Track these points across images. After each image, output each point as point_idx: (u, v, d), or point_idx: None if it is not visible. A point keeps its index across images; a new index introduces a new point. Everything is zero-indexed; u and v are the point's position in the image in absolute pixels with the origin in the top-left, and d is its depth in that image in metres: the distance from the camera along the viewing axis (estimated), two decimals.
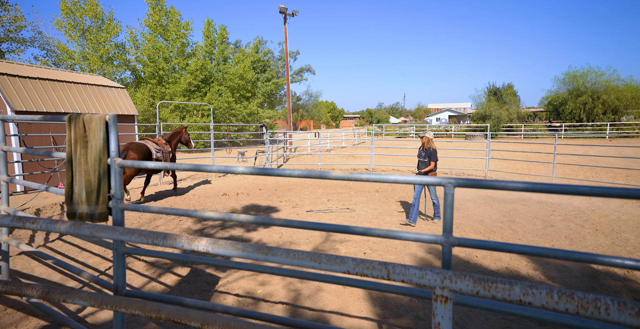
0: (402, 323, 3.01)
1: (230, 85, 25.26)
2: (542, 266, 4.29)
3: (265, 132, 13.29)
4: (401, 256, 4.61)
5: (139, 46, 23.27)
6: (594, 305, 1.01)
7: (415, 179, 1.55)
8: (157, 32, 23.19)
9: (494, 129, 30.97)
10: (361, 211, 7.12)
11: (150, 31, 23.16)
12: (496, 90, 36.44)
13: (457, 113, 56.96)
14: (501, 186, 1.41)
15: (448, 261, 1.44)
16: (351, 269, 1.40)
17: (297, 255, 1.48)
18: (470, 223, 6.14)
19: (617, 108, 29.38)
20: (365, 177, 1.65)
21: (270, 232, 5.69)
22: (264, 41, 33.44)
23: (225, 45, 26.48)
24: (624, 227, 5.83)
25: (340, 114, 77.47)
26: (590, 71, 30.63)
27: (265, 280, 3.87)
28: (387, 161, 15.29)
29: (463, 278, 1.23)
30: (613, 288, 3.68)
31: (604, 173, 11.08)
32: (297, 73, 38.32)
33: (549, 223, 6.11)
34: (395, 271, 1.33)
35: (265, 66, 31.21)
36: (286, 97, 20.90)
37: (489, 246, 1.47)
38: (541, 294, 1.11)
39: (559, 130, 29.94)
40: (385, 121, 62.25)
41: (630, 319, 0.92)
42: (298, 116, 46.61)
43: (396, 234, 1.60)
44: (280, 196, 8.76)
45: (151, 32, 23.15)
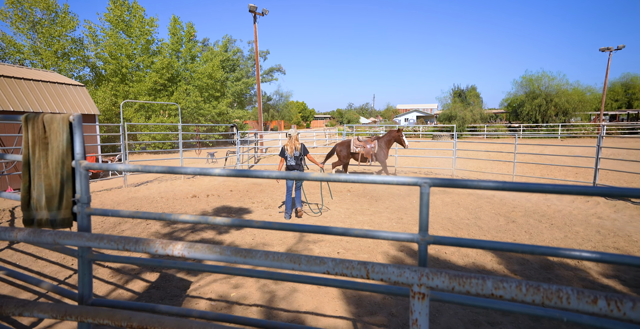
0: (376, 321, 3.07)
1: (198, 84, 24.59)
2: (505, 260, 4.52)
3: (236, 132, 13.06)
4: (374, 255, 4.69)
5: (98, 42, 22.11)
6: (557, 295, 1.08)
7: (391, 180, 1.59)
8: (119, 28, 22.14)
9: (459, 129, 32.26)
10: (334, 210, 7.18)
11: (112, 27, 22.07)
12: (461, 92, 37.99)
13: (424, 114, 58.74)
14: (474, 185, 1.47)
15: (424, 259, 1.49)
16: (331, 270, 1.41)
17: (276, 257, 1.47)
18: (439, 221, 6.35)
19: (567, 110, 31.55)
20: (343, 178, 1.67)
21: (242, 234, 5.60)
22: (233, 40, 32.89)
23: (192, 44, 25.75)
24: (574, 221, 6.27)
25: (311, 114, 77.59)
26: (544, 75, 32.70)
27: (238, 283, 3.81)
28: None
29: (439, 275, 1.27)
30: (566, 278, 3.95)
31: (557, 171, 11.85)
32: (268, 73, 37.97)
33: (510, 219, 6.45)
34: (374, 270, 1.36)
35: (235, 65, 30.67)
36: (256, 97, 20.66)
37: (463, 243, 1.53)
38: (511, 287, 1.17)
39: (517, 130, 31.67)
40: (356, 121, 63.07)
41: (587, 306, 1.01)
42: (269, 116, 46.17)
43: (374, 233, 1.63)
44: (252, 197, 8.64)
45: (112, 27, 22.07)
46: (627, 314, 0.97)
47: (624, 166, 11.17)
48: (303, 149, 6.44)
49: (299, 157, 6.44)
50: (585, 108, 32.32)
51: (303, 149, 6.44)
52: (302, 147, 6.43)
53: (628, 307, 0.96)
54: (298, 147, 6.39)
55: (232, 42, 32.47)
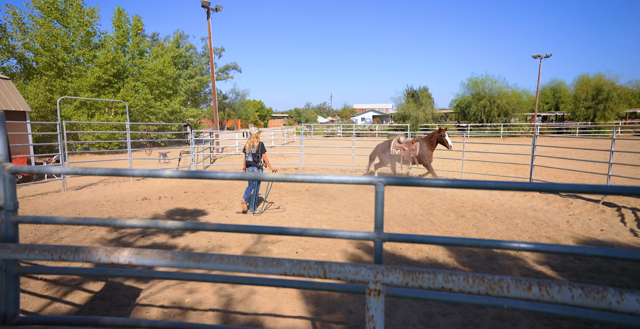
0: (334, 318, 3.10)
1: (148, 81, 23.25)
2: (454, 253, 4.79)
3: (190, 131, 12.55)
4: (332, 253, 4.74)
5: (26, 31, 19.99)
6: (499, 285, 1.16)
7: (348, 179, 1.61)
8: (52, 17, 20.23)
9: (413, 128, 33.63)
10: (292, 210, 7.16)
11: (43, 14, 20.09)
12: (414, 92, 39.57)
13: (380, 113, 60.49)
14: (426, 183, 1.53)
15: (379, 256, 1.53)
16: (288, 271, 1.40)
17: (231, 260, 1.43)
18: (394, 217, 6.58)
19: (508, 111, 34.19)
20: (300, 178, 1.66)
21: (197, 237, 5.39)
22: (186, 36, 31.64)
23: (140, 38, 24.29)
24: (514, 214, 6.81)
25: (268, 113, 76.76)
26: (487, 78, 35.14)
27: (193, 288, 3.66)
28: (317, 160, 15.59)
29: (394, 271, 1.31)
30: (507, 267, 4.28)
31: (500, 167, 12.78)
32: (223, 71, 36.94)
33: (460, 214, 6.84)
34: (331, 269, 1.37)
35: (188, 62, 29.45)
36: (211, 95, 20.00)
37: (415, 239, 1.59)
38: (459, 280, 1.24)
39: (465, 130, 33.71)
40: (314, 120, 63.41)
41: (524, 292, 1.10)
42: (224, 114, 44.93)
43: (331, 233, 1.64)
44: (207, 198, 8.36)
45: (44, 15, 20.10)
46: (554, 297, 1.07)
47: (554, 163, 12.32)
48: (260, 147, 6.88)
49: (256, 154, 6.86)
50: (523, 109, 35.23)
51: (260, 147, 6.87)
52: (260, 146, 6.87)
53: (555, 291, 1.07)
54: (256, 145, 6.82)
55: (185, 38, 31.20)
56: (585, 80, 34.40)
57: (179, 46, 28.28)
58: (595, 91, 33.11)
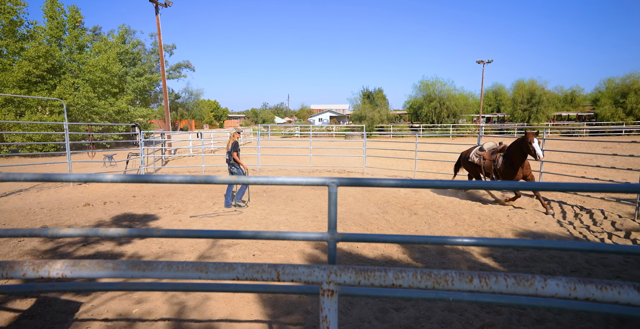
0: (292, 320, 3.09)
1: (90, 78, 21.54)
2: (408, 249, 4.99)
3: (139, 132, 11.86)
4: (290, 255, 4.72)
5: None
6: (444, 279, 1.22)
7: (300, 180, 1.61)
8: None
9: (368, 129, 34.53)
10: (249, 212, 7.03)
11: None
12: (369, 93, 40.66)
13: (337, 114, 61.35)
14: (377, 183, 1.57)
15: (333, 256, 1.54)
16: (240, 275, 1.37)
17: (181, 267, 1.37)
18: (351, 217, 6.70)
19: (456, 112, 36.34)
20: (253, 181, 1.63)
21: (148, 243, 5.10)
22: (132, 31, 29.77)
23: (79, 31, 22.45)
24: (462, 210, 7.25)
25: (224, 113, 74.73)
26: (437, 81, 37.08)
27: (142, 297, 3.45)
28: (274, 160, 15.46)
29: (346, 271, 1.33)
30: (456, 260, 4.54)
31: (450, 166, 13.52)
32: (175, 69, 35.36)
33: (413, 212, 7.14)
34: (285, 271, 1.36)
35: (136, 59, 27.75)
36: (162, 95, 19.05)
37: (368, 238, 1.63)
38: (408, 276, 1.29)
39: (418, 130, 35.27)
40: (271, 121, 62.80)
41: (466, 285, 1.17)
42: (177, 115, 43.03)
43: (285, 235, 1.64)
44: (159, 202, 7.95)
45: None
46: (492, 288, 1.15)
47: None
48: (232, 146, 7.40)
49: (230, 152, 7.44)
50: (469, 111, 37.62)
51: (232, 147, 7.40)
52: (232, 145, 7.40)
53: (492, 282, 1.15)
54: (230, 144, 7.44)
55: (131, 34, 29.36)
56: (521, 85, 37.54)
57: (125, 42, 26.55)
58: (529, 95, 36.24)
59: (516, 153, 6.86)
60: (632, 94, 33.99)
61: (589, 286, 1.09)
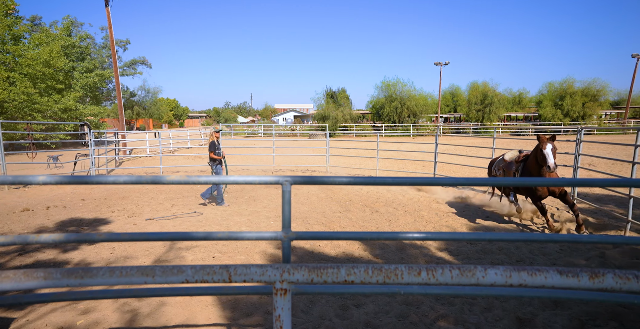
0: (252, 322, 3.05)
1: (29, 72, 19.77)
2: (369, 246, 5.09)
3: (88, 132, 11.11)
4: (252, 255, 4.65)
5: None
6: (394, 273, 1.26)
7: (253, 179, 1.58)
8: None
9: (332, 128, 34.83)
10: (209, 213, 6.83)
11: None
12: (333, 93, 41.01)
13: (301, 113, 61.31)
14: (330, 181, 1.58)
15: (287, 255, 1.54)
16: (190, 278, 1.33)
17: (124, 272, 1.30)
18: (314, 215, 6.72)
19: (416, 112, 37.66)
20: (203, 180, 1.58)
21: (97, 249, 4.80)
22: (80, 23, 27.74)
23: (14, 20, 20.49)
24: (421, 206, 7.53)
25: (184, 112, 72.13)
26: (398, 82, 38.20)
27: (89, 307, 3.24)
28: (237, 160, 15.15)
29: (299, 269, 1.33)
30: (414, 256, 4.70)
31: (410, 164, 14.00)
32: (129, 65, 33.49)
33: (374, 209, 7.30)
34: (237, 272, 1.33)
35: (84, 54, 25.90)
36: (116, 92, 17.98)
37: (323, 236, 1.64)
38: (360, 272, 1.31)
39: (380, 129, 36.13)
40: (234, 120, 61.50)
41: (415, 278, 1.22)
42: (133, 113, 40.85)
43: (238, 235, 1.60)
44: (111, 205, 7.50)
45: None
46: (438, 279, 1.21)
47: (453, 159, 13.94)
48: (209, 146, 7.62)
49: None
50: (428, 111, 39.14)
51: (209, 146, 7.62)
52: (209, 144, 7.63)
53: (439, 274, 1.20)
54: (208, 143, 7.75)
55: (78, 26, 27.36)
56: (475, 86, 39.65)
57: (70, 35, 24.71)
58: (482, 96, 38.38)
59: (533, 163, 5.62)
60: (568, 97, 37.11)
61: (521, 273, 1.17)
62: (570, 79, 37.83)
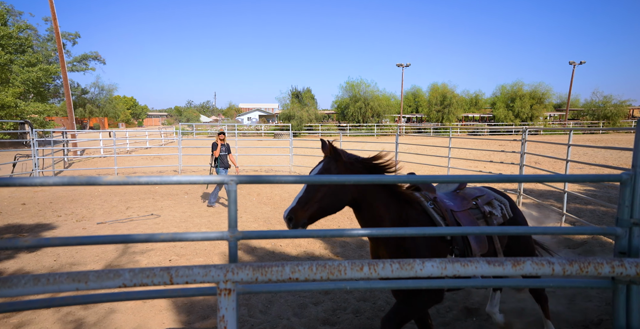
0: (208, 324, 2.98)
1: None
2: (330, 244, 5.14)
3: (30, 131, 10.29)
4: (210, 257, 4.54)
5: None
6: (337, 269, 1.28)
7: (198, 179, 1.54)
8: None
9: (297, 128, 34.76)
10: (168, 216, 6.58)
11: None
12: (298, 93, 40.93)
13: (266, 113, 60.64)
14: (276, 180, 1.58)
15: (234, 255, 1.51)
16: (128, 282, 1.27)
17: (52, 279, 1.22)
18: (277, 216, 6.68)
19: (380, 113, 38.54)
20: (144, 181, 1.52)
21: (39, 256, 4.46)
22: (19, 12, 25.58)
23: None
24: None
25: (143, 111, 68.82)
26: (362, 82, 38.87)
27: (26, 319, 3.00)
28: (199, 161, 14.69)
29: (244, 269, 1.31)
30: None
31: None
32: (80, 61, 31.43)
33: None
34: (179, 273, 1.30)
35: (25, 46, 23.87)
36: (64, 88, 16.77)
37: (270, 235, 1.64)
38: (304, 269, 1.32)
39: (345, 129, 36.57)
40: (196, 119, 59.65)
41: (357, 273, 1.25)
42: (86, 111, 38.39)
43: (182, 236, 1.56)
44: (58, 209, 7.00)
45: None
46: (380, 274, 1.24)
47: (414, 158, 14.43)
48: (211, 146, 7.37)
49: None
50: (391, 111, 40.19)
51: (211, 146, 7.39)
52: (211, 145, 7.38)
53: (380, 268, 1.24)
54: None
55: (17, 15, 25.23)
56: (435, 88, 41.28)
57: (6, 24, 22.67)
58: (442, 97, 40.04)
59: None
60: (518, 99, 39.71)
61: (455, 264, 1.23)
62: (520, 83, 40.46)
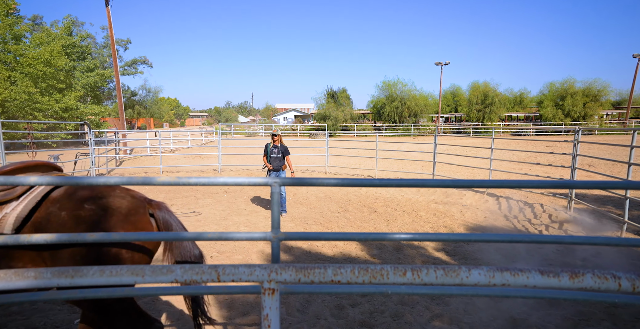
0: (248, 321, 3.07)
1: (30, 72, 19.82)
2: (366, 246, 5.11)
3: (88, 131, 11.15)
4: (249, 255, 4.68)
5: None
6: (380, 273, 1.28)
7: (244, 180, 1.60)
8: None
9: (332, 128, 34.82)
10: (208, 213, 6.86)
11: None
12: (333, 93, 40.97)
13: (302, 113, 61.30)
14: (318, 182, 1.60)
15: (277, 255, 1.56)
16: (179, 277, 1.35)
17: (114, 271, 1.32)
18: (313, 215, 6.75)
19: (417, 112, 37.62)
20: (194, 181, 1.60)
21: None
22: (80, 23, 27.82)
23: (15, 20, 20.55)
24: (419, 207, 7.54)
25: (185, 112, 72.25)
26: (398, 82, 38.14)
27: None
28: (237, 160, 15.18)
29: (287, 269, 1.34)
30: (411, 256, 4.72)
31: (409, 164, 14.00)
32: (130, 65, 33.59)
33: (373, 209, 7.31)
34: (225, 272, 1.35)
35: (85, 53, 25.95)
36: (117, 91, 18.03)
37: (312, 236, 1.66)
38: (346, 272, 1.32)
39: (381, 129, 36.11)
40: (234, 120, 61.60)
41: (400, 278, 1.23)
42: (134, 113, 40.95)
43: (229, 235, 1.62)
44: None
45: None
46: (423, 280, 1.22)
47: (453, 159, 13.95)
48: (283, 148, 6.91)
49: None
50: (429, 111, 39.10)
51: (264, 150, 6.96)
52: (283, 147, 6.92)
53: (423, 274, 1.22)
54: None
55: (79, 25, 27.47)
56: (476, 86, 39.57)
57: (71, 34, 24.75)
58: (483, 96, 38.31)
59: None
60: (569, 97, 37.03)
61: (504, 273, 1.18)
62: (571, 79, 37.75)
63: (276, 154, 6.76)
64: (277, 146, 6.81)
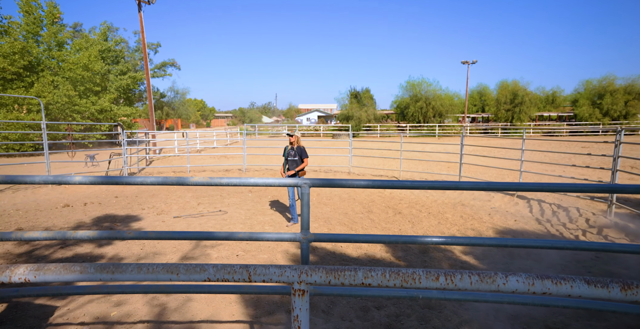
0: (273, 320, 3.10)
1: (70, 76, 20.98)
2: (391, 248, 5.04)
3: (121, 132, 11.64)
4: (274, 254, 4.72)
5: None
6: (412, 277, 1.25)
7: (274, 181, 1.62)
8: None
9: (355, 128, 34.64)
10: (234, 212, 6.99)
11: None
12: (357, 93, 40.74)
13: (325, 113, 61.37)
14: (349, 184, 1.59)
15: (306, 256, 1.56)
16: (212, 276, 1.38)
17: (151, 269, 1.37)
18: (336, 216, 6.73)
19: (442, 112, 36.79)
20: (225, 182, 1.64)
21: (129, 244, 5.03)
22: (115, 28, 29.05)
23: (58, 28, 21.83)
24: (445, 208, 7.36)
25: (211, 112, 74.04)
26: (423, 81, 37.44)
27: (121, 299, 3.40)
28: (261, 160, 15.39)
29: (317, 271, 1.35)
30: (437, 259, 4.61)
31: (434, 165, 13.71)
32: (160, 68, 34.74)
33: (397, 211, 7.21)
34: (256, 272, 1.37)
35: (119, 57, 27.14)
36: (147, 93, 18.72)
37: (340, 238, 1.65)
38: (377, 275, 1.31)
39: (404, 130, 35.59)
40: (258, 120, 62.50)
41: (432, 283, 1.21)
42: (163, 114, 42.38)
43: (259, 235, 1.64)
44: (142, 202, 7.82)
45: None
46: (457, 285, 1.19)
47: (480, 160, 13.54)
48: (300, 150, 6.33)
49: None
50: (454, 111, 38.14)
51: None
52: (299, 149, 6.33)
53: (457, 279, 1.19)
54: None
55: (114, 31, 28.70)
56: (505, 85, 38.23)
57: (107, 39, 25.95)
58: (512, 95, 36.96)
59: None
60: (607, 95, 35.06)
61: (545, 281, 1.13)
62: (611, 76, 35.73)
63: (292, 157, 6.21)
64: (293, 147, 6.24)
